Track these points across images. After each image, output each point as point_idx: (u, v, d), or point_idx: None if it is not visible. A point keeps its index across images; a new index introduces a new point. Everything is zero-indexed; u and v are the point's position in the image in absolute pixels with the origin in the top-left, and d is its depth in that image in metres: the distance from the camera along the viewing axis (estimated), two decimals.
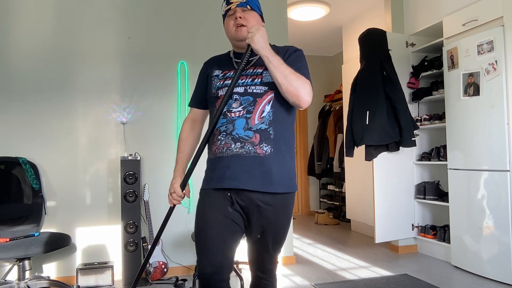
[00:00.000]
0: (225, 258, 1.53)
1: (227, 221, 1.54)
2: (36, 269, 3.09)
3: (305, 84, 1.52)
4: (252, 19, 1.62)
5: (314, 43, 6.11)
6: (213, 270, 1.51)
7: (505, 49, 2.96)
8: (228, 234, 1.55)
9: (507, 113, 2.95)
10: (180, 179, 1.66)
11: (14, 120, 3.14)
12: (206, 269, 1.51)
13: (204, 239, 1.54)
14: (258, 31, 1.51)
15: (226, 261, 1.54)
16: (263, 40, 1.50)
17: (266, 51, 1.50)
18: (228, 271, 1.55)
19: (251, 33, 1.51)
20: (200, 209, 1.60)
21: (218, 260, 1.52)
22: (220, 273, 1.52)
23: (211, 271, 1.50)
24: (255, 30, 1.51)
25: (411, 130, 3.66)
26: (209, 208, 1.57)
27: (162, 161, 3.37)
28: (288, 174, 1.60)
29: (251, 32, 1.51)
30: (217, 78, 1.66)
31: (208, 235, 1.53)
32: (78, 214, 3.22)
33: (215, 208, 1.56)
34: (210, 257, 1.51)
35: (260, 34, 1.50)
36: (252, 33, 1.51)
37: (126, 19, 3.40)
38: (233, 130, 1.54)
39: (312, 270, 3.47)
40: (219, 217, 1.54)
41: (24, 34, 3.20)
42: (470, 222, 3.24)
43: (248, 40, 1.52)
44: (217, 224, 1.53)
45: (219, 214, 1.55)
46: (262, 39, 1.50)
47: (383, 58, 3.72)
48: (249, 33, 1.52)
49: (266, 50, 1.50)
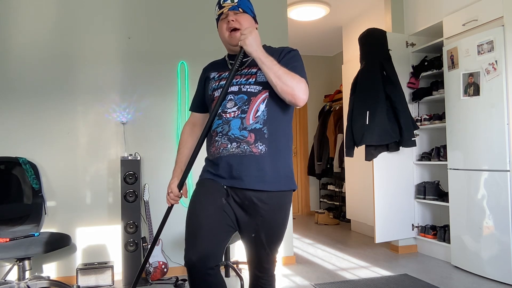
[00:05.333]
0: (212, 246, 1.51)
1: (219, 212, 1.55)
2: (36, 269, 3.09)
3: (300, 82, 1.53)
4: (244, 21, 1.64)
5: (314, 43, 6.10)
6: (198, 257, 1.48)
7: (505, 49, 2.96)
8: (218, 223, 1.54)
9: (507, 113, 2.95)
10: (178, 180, 1.70)
11: (14, 120, 3.14)
12: (192, 256, 1.49)
13: (193, 226, 1.55)
14: (251, 33, 1.53)
15: (213, 249, 1.52)
16: (255, 42, 1.52)
17: (259, 53, 1.52)
18: (215, 259, 1.51)
19: (243, 36, 1.53)
20: (194, 196, 1.62)
21: (205, 247, 1.50)
22: (206, 261, 1.48)
23: (197, 258, 1.48)
24: (248, 33, 1.53)
25: (411, 130, 3.66)
26: (203, 196, 1.59)
27: (162, 161, 3.37)
28: (284, 172, 1.61)
29: (244, 35, 1.53)
30: (213, 80, 1.70)
31: (197, 222, 1.53)
32: (78, 214, 3.22)
33: (209, 197, 1.57)
34: (197, 244, 1.50)
35: (252, 36, 1.52)
36: (245, 35, 1.53)
37: (126, 19, 3.40)
38: (228, 130, 1.57)
39: (312, 270, 3.47)
40: (212, 206, 1.55)
41: (24, 34, 3.20)
42: (470, 222, 3.24)
43: (240, 42, 1.54)
44: (208, 212, 1.54)
45: (212, 203, 1.56)
46: (255, 41, 1.52)
47: (383, 58, 3.72)
48: (241, 35, 1.54)
49: (258, 52, 1.52)
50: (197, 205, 1.58)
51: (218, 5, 1.69)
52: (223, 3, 1.66)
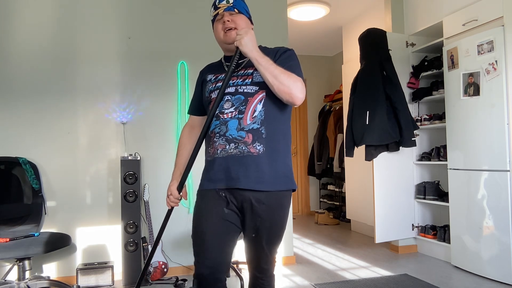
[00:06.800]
0: (221, 260, 1.57)
1: (223, 223, 1.58)
2: (36, 269, 3.09)
3: (296, 81, 1.53)
4: (240, 22, 1.65)
5: (314, 43, 6.11)
6: (209, 271, 1.55)
7: (505, 49, 2.96)
8: (224, 235, 1.58)
9: (507, 113, 2.95)
10: (177, 182, 1.71)
11: (14, 120, 3.14)
12: (203, 270, 1.55)
13: (200, 242, 1.58)
14: (246, 34, 1.53)
15: (222, 262, 1.58)
16: (251, 43, 1.53)
17: (255, 54, 1.52)
18: (224, 272, 1.58)
19: (239, 36, 1.54)
20: (196, 212, 1.64)
21: (214, 262, 1.56)
22: (216, 274, 1.56)
23: (208, 272, 1.55)
24: (243, 33, 1.53)
25: (411, 130, 3.66)
26: (205, 211, 1.61)
27: (162, 161, 3.37)
28: (283, 172, 1.61)
29: (240, 35, 1.54)
30: (210, 82, 1.71)
31: (204, 239, 1.57)
32: (78, 214, 3.22)
33: (211, 211, 1.59)
34: (206, 259, 1.56)
35: (248, 37, 1.52)
36: (240, 36, 1.53)
37: (126, 19, 3.40)
38: (226, 131, 1.57)
39: (312, 270, 3.47)
40: (215, 220, 1.58)
41: (24, 34, 3.20)
42: (470, 222, 3.24)
43: (236, 43, 1.54)
44: (213, 227, 1.57)
45: (215, 217, 1.58)
46: (250, 42, 1.52)
47: (383, 58, 3.72)
48: (237, 35, 1.55)
49: (254, 52, 1.52)
50: (201, 220, 1.61)
51: (214, 6, 1.69)
52: (218, 4, 1.67)
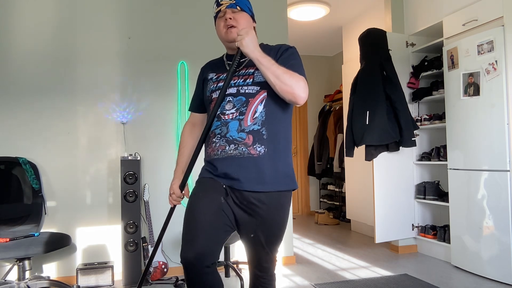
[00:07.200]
0: (209, 244, 1.51)
1: (217, 210, 1.54)
2: (36, 269, 3.09)
3: (299, 81, 1.52)
4: (242, 20, 1.64)
5: (314, 43, 6.10)
6: (194, 255, 1.48)
7: (505, 49, 2.96)
8: (216, 222, 1.54)
9: (507, 113, 2.95)
10: (179, 181, 1.71)
11: (14, 120, 3.14)
12: (188, 254, 1.49)
13: (190, 224, 1.54)
14: (247, 34, 1.52)
15: (210, 248, 1.52)
16: (252, 43, 1.51)
17: (256, 54, 1.51)
18: (211, 258, 1.51)
19: (240, 36, 1.52)
20: (192, 195, 1.61)
21: (202, 245, 1.49)
22: (202, 259, 1.48)
23: (193, 256, 1.48)
24: (244, 34, 1.52)
25: (411, 130, 3.66)
26: (201, 194, 1.59)
27: (162, 161, 3.37)
28: (284, 172, 1.60)
29: (241, 36, 1.52)
30: (211, 81, 1.70)
31: (195, 221, 1.53)
32: (78, 214, 3.22)
33: (208, 195, 1.57)
34: (194, 242, 1.50)
35: (249, 37, 1.51)
36: (241, 36, 1.52)
37: (126, 19, 3.40)
38: (227, 132, 1.56)
39: (312, 270, 3.47)
40: (210, 204, 1.55)
41: (24, 34, 3.20)
42: (470, 222, 3.24)
43: (237, 43, 1.53)
44: (206, 210, 1.54)
45: (210, 201, 1.55)
46: (251, 42, 1.51)
47: (383, 58, 3.72)
48: (238, 36, 1.54)
49: (255, 52, 1.51)
50: (195, 204, 1.57)
51: (216, 2, 1.68)
52: (221, 1, 1.66)
